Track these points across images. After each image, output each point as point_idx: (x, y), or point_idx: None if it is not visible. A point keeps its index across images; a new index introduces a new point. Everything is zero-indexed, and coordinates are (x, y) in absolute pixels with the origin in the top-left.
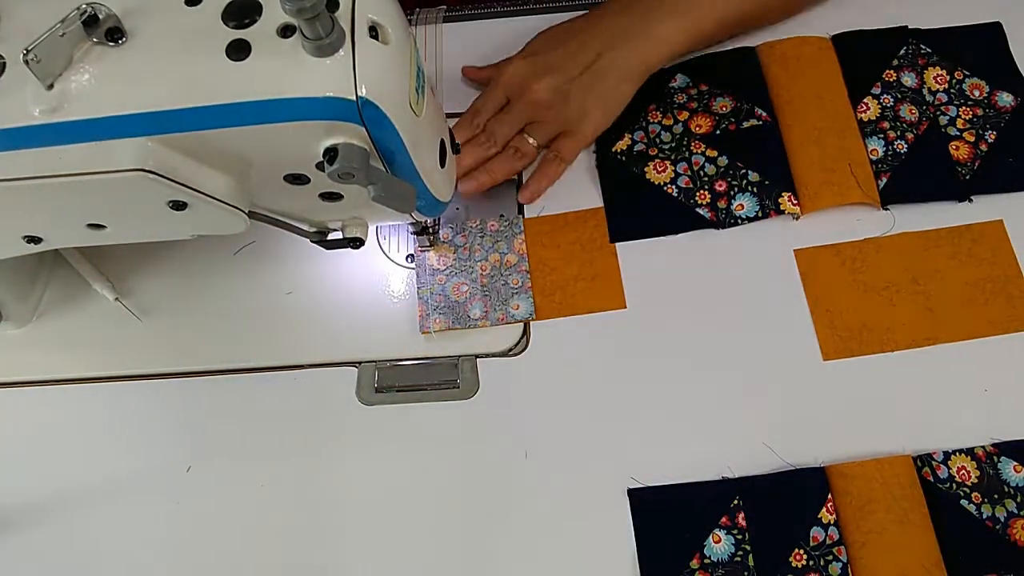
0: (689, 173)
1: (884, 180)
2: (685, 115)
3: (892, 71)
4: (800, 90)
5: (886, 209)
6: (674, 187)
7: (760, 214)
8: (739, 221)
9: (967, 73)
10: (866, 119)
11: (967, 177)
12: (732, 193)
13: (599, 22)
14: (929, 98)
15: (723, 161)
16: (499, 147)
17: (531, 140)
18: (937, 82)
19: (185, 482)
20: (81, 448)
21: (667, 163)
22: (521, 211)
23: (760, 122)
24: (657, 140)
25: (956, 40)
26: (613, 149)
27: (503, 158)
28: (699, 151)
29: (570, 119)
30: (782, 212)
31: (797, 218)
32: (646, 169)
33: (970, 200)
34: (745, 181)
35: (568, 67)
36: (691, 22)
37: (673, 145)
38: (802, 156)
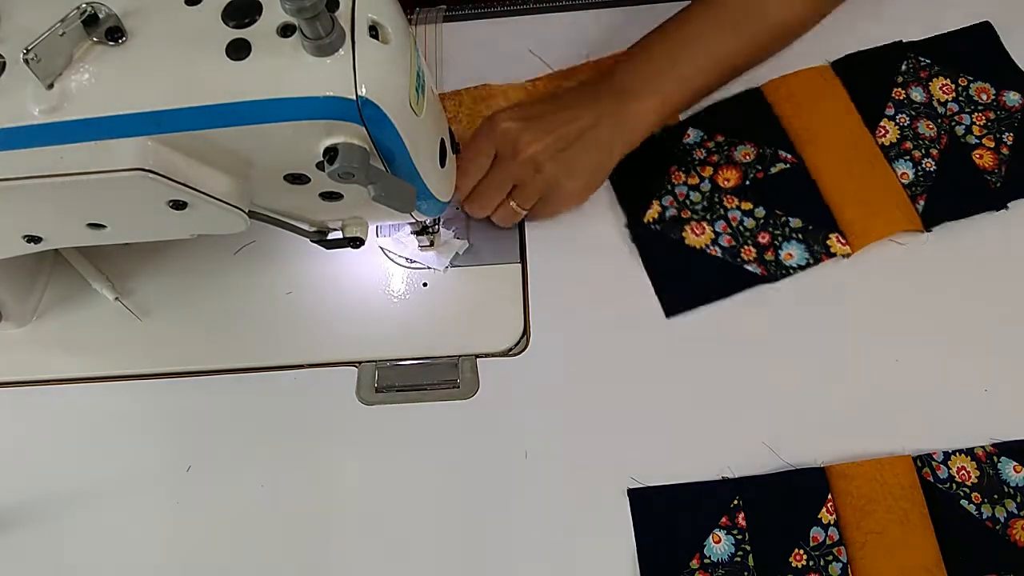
0: (729, 231)
1: (922, 203)
2: (709, 171)
3: (899, 89)
4: (817, 125)
5: (929, 231)
6: (717, 248)
7: (811, 260)
8: (790, 271)
9: (970, 78)
10: (887, 143)
11: (998, 185)
12: (777, 243)
13: (591, 98)
14: (941, 110)
15: (760, 212)
16: (490, 210)
17: (516, 207)
18: (944, 92)
19: (185, 482)
20: (81, 448)
21: (704, 224)
22: None
23: (787, 165)
24: (687, 202)
25: (951, 46)
26: (645, 219)
27: (495, 218)
28: (733, 206)
29: (558, 182)
30: (833, 255)
31: (847, 256)
32: (684, 234)
33: (1006, 208)
34: (787, 228)
35: (559, 132)
36: (660, 101)
37: (705, 204)
38: (837, 192)
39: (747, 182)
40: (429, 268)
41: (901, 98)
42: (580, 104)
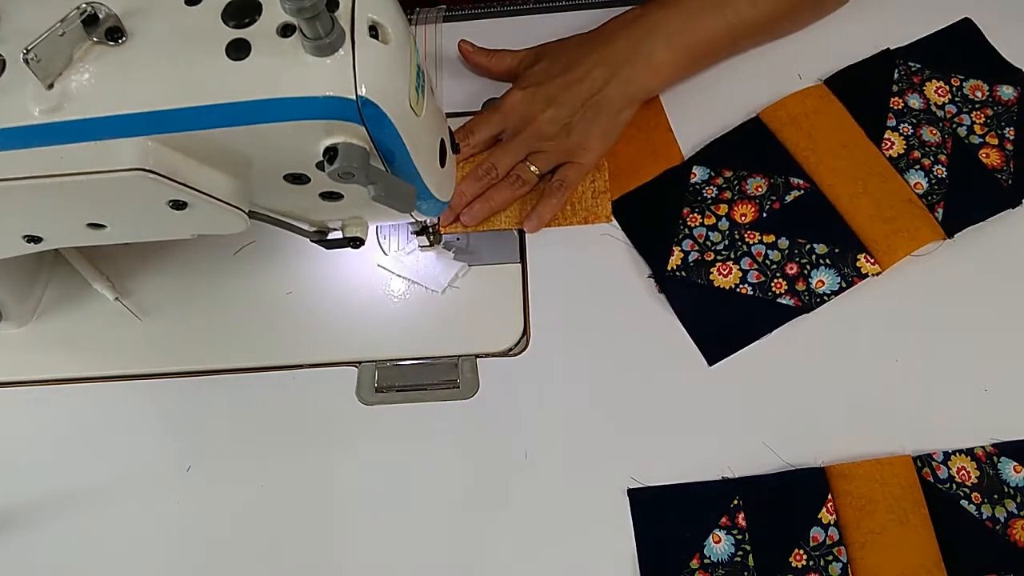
0: (756, 266)
1: (940, 211)
2: (724, 208)
3: (896, 98)
4: (822, 146)
5: (951, 238)
6: (747, 286)
7: (844, 284)
8: (825, 298)
9: (962, 77)
10: (895, 154)
11: (1009, 182)
12: (806, 272)
13: (598, 49)
14: (940, 113)
15: (784, 243)
16: (500, 177)
17: (533, 168)
18: (939, 95)
19: (185, 482)
20: (81, 448)
21: (729, 264)
22: None
23: (801, 191)
24: (708, 243)
25: (938, 47)
26: (668, 268)
27: (503, 186)
28: (755, 240)
29: (572, 150)
30: (865, 276)
31: (878, 275)
32: (711, 277)
33: (1021, 203)
34: (814, 255)
35: (570, 99)
36: (684, 47)
37: (727, 243)
38: (857, 212)
39: (764, 214)
40: (428, 288)
41: (899, 107)
42: (592, 60)
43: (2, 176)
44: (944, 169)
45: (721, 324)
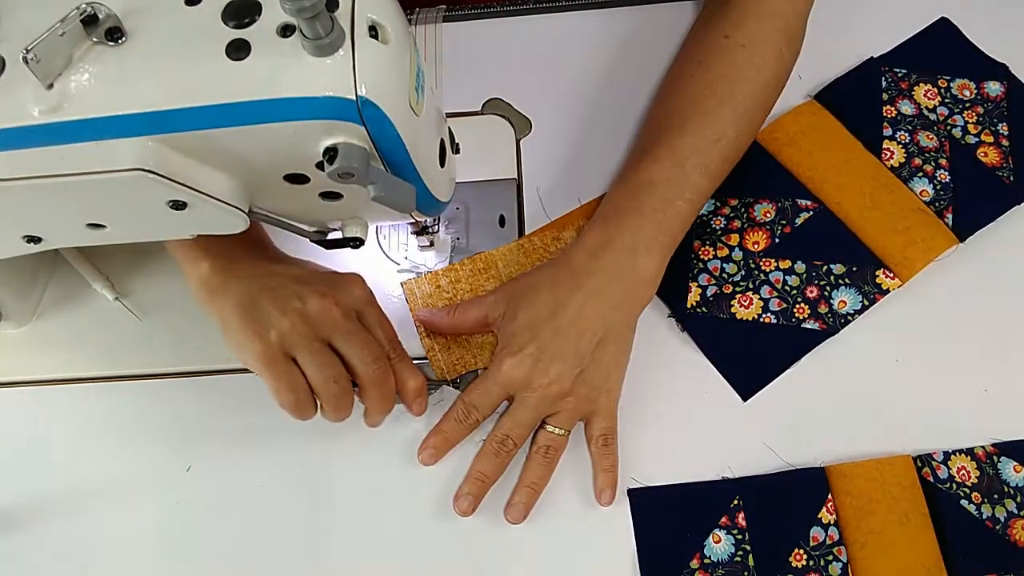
0: (776, 294)
1: (949, 216)
2: (735, 238)
3: (888, 106)
4: (824, 163)
5: (962, 243)
6: (770, 315)
7: (866, 302)
8: (849, 318)
9: (948, 78)
10: (896, 164)
11: (1011, 179)
12: (827, 293)
13: (579, 283)
14: (933, 117)
15: (800, 267)
16: (517, 447)
17: (559, 432)
18: (929, 98)
19: (185, 482)
20: (81, 448)
21: (749, 294)
22: (521, 212)
23: (810, 212)
24: (725, 275)
25: (920, 50)
26: (688, 306)
27: (536, 463)
28: (772, 268)
29: (594, 397)
30: (887, 292)
31: (899, 287)
32: (732, 310)
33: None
34: (832, 276)
35: (571, 349)
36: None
37: (743, 273)
38: (869, 227)
39: (777, 240)
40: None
41: (893, 115)
42: (578, 299)
43: (2, 176)
44: (947, 174)
45: (750, 358)
